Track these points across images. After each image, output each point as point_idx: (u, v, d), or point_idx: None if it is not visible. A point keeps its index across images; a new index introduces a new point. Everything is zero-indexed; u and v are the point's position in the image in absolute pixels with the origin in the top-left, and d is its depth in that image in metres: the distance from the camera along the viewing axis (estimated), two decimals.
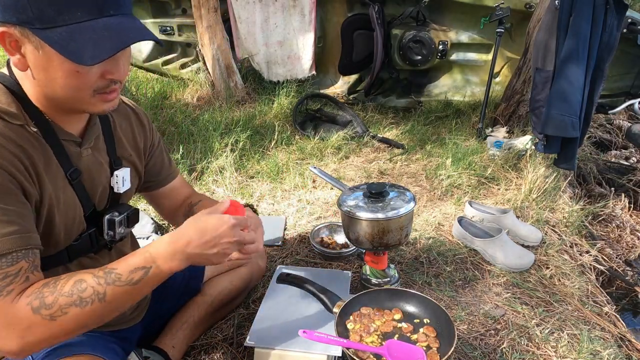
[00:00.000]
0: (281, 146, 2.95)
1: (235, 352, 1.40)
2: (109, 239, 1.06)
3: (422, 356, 1.04)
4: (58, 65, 0.80)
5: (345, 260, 1.84)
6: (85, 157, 0.99)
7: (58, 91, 0.84)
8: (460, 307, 1.58)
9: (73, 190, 0.96)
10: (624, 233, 2.54)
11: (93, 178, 1.02)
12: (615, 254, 2.34)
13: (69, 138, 0.95)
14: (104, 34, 0.77)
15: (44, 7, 0.75)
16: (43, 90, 0.85)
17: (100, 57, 0.77)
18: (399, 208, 1.37)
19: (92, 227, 1.03)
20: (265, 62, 3.82)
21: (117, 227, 1.05)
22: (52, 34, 0.76)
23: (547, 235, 2.00)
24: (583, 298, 1.67)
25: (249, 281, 1.55)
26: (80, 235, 1.01)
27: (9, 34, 0.78)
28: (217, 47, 3.57)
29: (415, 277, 1.72)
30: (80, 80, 0.82)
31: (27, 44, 0.79)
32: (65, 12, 0.75)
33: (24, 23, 0.76)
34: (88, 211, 1.01)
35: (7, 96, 0.86)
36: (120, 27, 0.79)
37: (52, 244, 0.94)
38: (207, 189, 2.46)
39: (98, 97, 0.86)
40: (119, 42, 0.78)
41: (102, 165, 1.04)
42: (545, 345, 1.43)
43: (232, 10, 3.63)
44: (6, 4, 0.76)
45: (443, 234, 2.02)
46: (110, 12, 0.79)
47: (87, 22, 0.77)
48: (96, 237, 1.05)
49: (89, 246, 1.04)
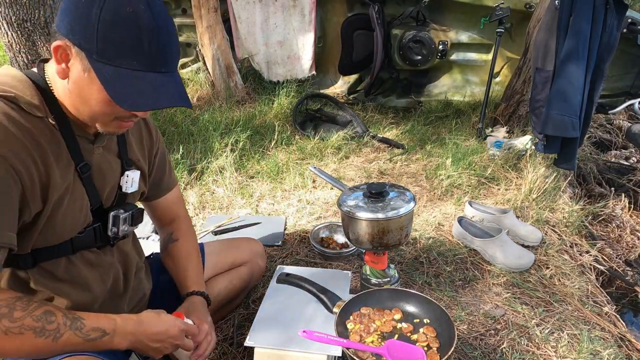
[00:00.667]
0: (281, 146, 2.95)
1: (235, 352, 1.40)
2: (112, 235, 1.09)
3: (422, 356, 1.04)
4: (96, 91, 0.87)
5: (345, 260, 1.84)
6: (96, 154, 1.03)
7: (84, 106, 0.91)
8: (460, 307, 1.58)
9: (82, 184, 1.00)
10: (624, 233, 2.54)
11: (103, 175, 1.06)
12: (615, 254, 2.34)
13: (84, 135, 1.00)
14: (148, 88, 0.85)
15: (108, 46, 0.82)
16: (71, 99, 0.92)
17: (137, 108, 0.86)
18: (399, 208, 1.37)
19: (97, 221, 1.06)
20: (265, 62, 3.82)
21: (121, 224, 1.09)
22: (104, 69, 0.83)
23: (547, 235, 2.00)
24: (583, 298, 1.67)
25: (249, 281, 1.55)
26: (85, 228, 1.03)
27: (64, 48, 0.85)
28: (217, 47, 3.57)
29: (415, 277, 1.72)
30: (109, 108, 0.89)
31: (78, 62, 0.86)
32: (123, 57, 0.83)
33: (84, 49, 0.83)
34: (95, 206, 1.05)
35: (31, 90, 0.91)
36: (162, 88, 0.87)
37: (57, 233, 0.97)
38: (207, 189, 2.46)
39: (115, 123, 0.94)
40: (157, 102, 0.87)
41: (111, 165, 1.08)
42: (545, 345, 1.43)
43: (232, 10, 3.63)
44: (75, 29, 0.83)
45: (443, 234, 2.02)
46: (161, 70, 0.87)
47: (137, 72, 0.84)
48: (100, 232, 1.08)
49: (92, 240, 1.06)
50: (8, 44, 2.53)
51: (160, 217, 1.34)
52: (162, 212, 1.33)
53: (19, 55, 2.55)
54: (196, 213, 2.25)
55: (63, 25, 0.85)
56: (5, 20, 2.44)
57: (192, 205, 2.29)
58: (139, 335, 0.97)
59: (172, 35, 0.88)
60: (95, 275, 1.08)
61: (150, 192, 1.27)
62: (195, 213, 2.24)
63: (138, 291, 1.24)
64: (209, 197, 2.39)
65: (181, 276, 1.28)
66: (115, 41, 0.82)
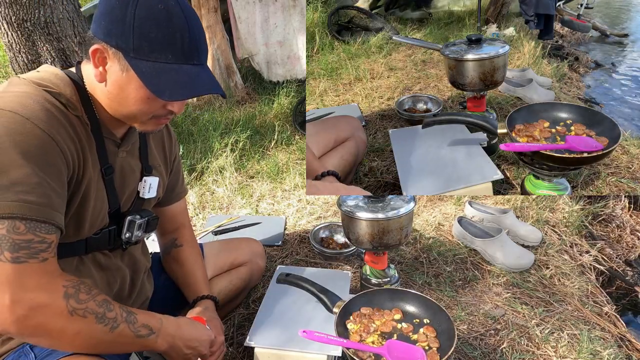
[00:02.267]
0: (281, 146, 2.95)
1: (235, 352, 1.40)
2: (126, 240, 1.10)
3: (422, 356, 1.04)
4: (134, 89, 0.90)
5: (345, 260, 1.84)
6: (120, 157, 1.05)
7: (123, 107, 0.94)
8: (460, 307, 1.58)
9: (104, 185, 1.02)
10: (624, 233, 2.53)
11: (124, 179, 1.07)
12: (615, 254, 2.34)
13: (111, 137, 1.02)
14: (184, 79, 0.89)
15: (144, 43, 0.87)
16: (109, 101, 0.95)
17: (176, 97, 0.89)
18: (399, 208, 1.38)
19: (113, 224, 1.07)
20: (265, 62, 3.82)
21: (135, 230, 1.10)
22: (141, 65, 0.87)
23: (547, 235, 2.00)
24: (583, 298, 1.67)
25: (249, 281, 1.55)
26: (101, 229, 1.05)
27: (102, 51, 0.89)
28: (217, 47, 3.57)
29: (415, 277, 1.72)
30: (147, 106, 0.93)
31: (115, 63, 0.89)
32: (158, 52, 0.87)
33: (121, 49, 0.87)
34: (113, 209, 1.06)
35: (70, 88, 0.95)
36: (198, 78, 0.92)
37: (76, 230, 0.98)
38: (207, 189, 2.46)
39: (153, 121, 0.97)
40: (194, 90, 0.90)
41: (133, 171, 1.10)
42: (545, 345, 1.44)
43: (232, 10, 3.63)
44: (111, 31, 0.87)
45: (443, 234, 2.02)
46: (194, 62, 0.91)
47: (172, 65, 0.89)
48: (114, 235, 1.08)
49: (106, 242, 1.07)
50: (8, 44, 2.52)
51: (165, 223, 1.35)
52: (168, 219, 1.34)
53: (19, 55, 2.55)
54: (196, 213, 2.25)
55: (100, 29, 0.89)
56: (5, 20, 2.44)
57: (192, 205, 2.29)
58: (177, 339, 1.00)
59: (201, 29, 0.93)
60: (103, 277, 1.08)
61: (163, 198, 1.27)
62: (195, 213, 2.24)
63: (141, 295, 1.24)
64: (209, 197, 2.39)
65: (190, 280, 1.30)
66: (150, 37, 0.86)
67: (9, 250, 0.78)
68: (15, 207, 0.79)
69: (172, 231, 1.36)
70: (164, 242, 1.37)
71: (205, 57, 0.95)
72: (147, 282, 1.28)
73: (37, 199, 0.82)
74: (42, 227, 0.82)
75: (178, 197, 1.34)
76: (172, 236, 1.36)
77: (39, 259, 0.81)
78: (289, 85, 3.66)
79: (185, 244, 1.36)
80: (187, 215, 1.41)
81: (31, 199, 0.81)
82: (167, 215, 1.34)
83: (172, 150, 1.26)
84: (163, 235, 1.38)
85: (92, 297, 0.86)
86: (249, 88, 3.77)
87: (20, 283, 0.79)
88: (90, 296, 0.86)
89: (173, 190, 1.31)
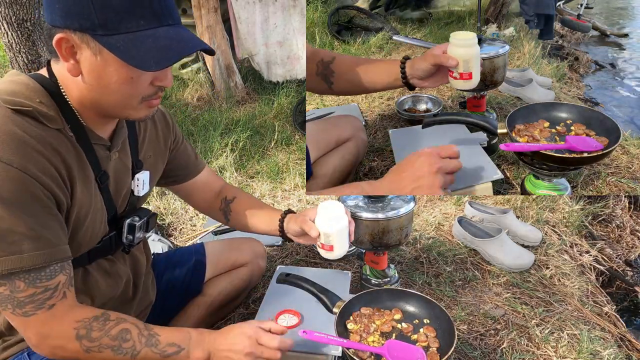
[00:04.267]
0: (281, 146, 2.95)
1: None
2: (128, 243, 1.07)
3: (422, 356, 1.04)
4: (115, 71, 0.81)
5: (345, 260, 1.84)
6: (113, 160, 1.00)
7: (109, 97, 0.85)
8: (460, 307, 1.58)
9: (100, 194, 0.98)
10: (624, 233, 2.53)
11: (118, 182, 1.03)
12: (615, 254, 2.34)
13: (100, 142, 0.95)
14: (165, 42, 0.80)
15: (109, 14, 0.77)
16: (91, 94, 0.86)
17: (164, 63, 0.80)
18: (399, 208, 1.37)
19: (112, 230, 1.04)
20: (265, 62, 3.82)
21: (136, 232, 1.07)
22: (113, 41, 0.78)
23: (547, 235, 2.00)
24: (583, 298, 1.67)
25: (249, 281, 1.55)
26: (102, 238, 1.02)
27: (67, 40, 0.79)
28: (217, 47, 3.57)
29: (415, 277, 1.72)
30: (133, 86, 0.84)
31: (85, 49, 0.80)
32: (127, 21, 0.78)
33: (86, 29, 0.78)
34: (111, 214, 1.03)
35: (46, 99, 0.86)
36: (180, 37, 0.82)
37: (76, 247, 0.95)
38: None
39: (144, 104, 0.89)
40: (181, 50, 0.81)
41: (127, 169, 1.06)
42: (545, 345, 1.44)
43: (232, 10, 3.63)
44: (70, 10, 0.77)
45: (443, 234, 2.02)
46: (169, 22, 0.82)
47: (148, 31, 0.80)
48: (115, 240, 1.06)
49: (108, 249, 1.05)
50: (8, 44, 2.53)
51: (202, 198, 1.32)
52: (201, 192, 1.31)
53: (19, 55, 2.55)
54: (196, 213, 2.24)
55: (56, 15, 0.79)
56: (5, 20, 2.44)
57: None
58: (213, 351, 0.94)
59: None
60: (109, 282, 1.07)
61: (179, 175, 1.25)
62: (195, 213, 2.24)
63: (145, 299, 1.23)
64: None
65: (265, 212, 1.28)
66: (114, 5, 0.77)
67: (17, 307, 0.82)
68: (9, 262, 0.78)
69: (215, 196, 1.34)
70: (217, 209, 1.34)
71: (178, 16, 0.86)
72: (150, 287, 1.26)
73: (31, 244, 0.80)
74: (42, 276, 0.81)
75: (197, 171, 1.30)
76: (219, 199, 1.33)
77: (45, 308, 0.83)
78: (289, 85, 3.66)
79: (235, 194, 1.33)
80: (219, 178, 1.39)
81: (24, 247, 0.79)
82: (197, 186, 1.31)
83: (169, 135, 1.20)
84: (210, 206, 1.35)
85: (105, 333, 0.86)
86: (249, 88, 3.77)
87: (37, 331, 0.85)
88: (104, 332, 0.86)
89: (186, 167, 1.28)
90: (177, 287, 1.38)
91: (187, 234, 2.08)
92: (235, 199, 1.32)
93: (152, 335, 0.90)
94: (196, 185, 1.31)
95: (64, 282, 0.85)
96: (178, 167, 1.26)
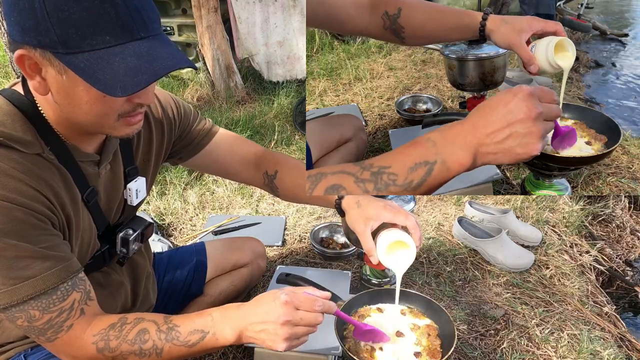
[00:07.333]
0: (281, 146, 2.95)
1: (235, 352, 1.40)
2: (122, 255, 1.04)
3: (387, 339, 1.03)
4: (83, 90, 0.73)
5: (345, 260, 1.84)
6: (103, 175, 0.94)
7: (81, 117, 0.78)
8: (460, 307, 1.58)
9: (88, 212, 0.92)
10: (624, 233, 2.53)
11: (109, 195, 0.98)
12: (615, 254, 2.34)
13: (87, 159, 0.89)
14: (134, 62, 0.69)
15: (69, 30, 0.67)
16: (64, 114, 0.79)
17: (131, 89, 0.69)
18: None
19: (105, 244, 0.99)
20: (265, 62, 3.82)
21: (130, 245, 1.02)
22: (77, 60, 0.68)
23: (547, 235, 2.00)
24: (583, 298, 1.67)
25: (249, 281, 1.55)
26: (94, 255, 0.97)
27: (28, 57, 0.71)
28: (217, 47, 3.57)
29: (415, 277, 1.72)
30: (107, 105, 0.76)
31: (49, 67, 0.72)
32: (90, 37, 0.68)
33: (45, 47, 0.69)
34: (102, 229, 0.98)
35: (22, 122, 0.79)
36: (152, 55, 0.71)
37: None
38: (207, 188, 2.46)
39: (122, 121, 0.80)
40: (151, 74, 0.70)
41: (120, 180, 1.00)
42: (545, 345, 1.44)
43: (232, 11, 3.63)
44: (26, 26, 0.68)
45: (443, 234, 2.02)
46: (141, 35, 0.71)
47: (115, 48, 0.69)
48: (109, 253, 1.02)
49: (101, 263, 1.02)
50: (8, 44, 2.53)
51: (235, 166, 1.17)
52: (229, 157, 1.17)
53: None
54: (196, 213, 2.25)
55: (13, 29, 0.70)
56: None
57: (192, 205, 2.29)
58: (244, 325, 0.85)
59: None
60: (106, 294, 1.04)
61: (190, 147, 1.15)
62: (195, 213, 2.25)
63: (145, 303, 1.21)
64: (209, 197, 2.39)
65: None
66: (74, 19, 0.66)
67: (39, 335, 0.82)
68: (26, 288, 0.77)
69: (253, 168, 1.19)
70: (263, 185, 1.20)
71: (157, 25, 0.74)
72: (150, 290, 1.24)
73: (42, 265, 0.78)
74: (54, 299, 0.79)
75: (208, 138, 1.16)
76: (260, 174, 1.19)
77: (64, 330, 0.82)
78: (289, 85, 3.67)
79: (277, 167, 1.16)
80: (252, 144, 1.21)
81: (36, 270, 0.77)
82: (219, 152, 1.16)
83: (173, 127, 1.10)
84: (253, 181, 1.21)
85: (123, 340, 0.83)
86: (249, 88, 3.77)
87: (65, 354, 0.85)
88: (121, 339, 0.83)
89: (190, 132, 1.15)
90: (178, 288, 1.38)
91: (187, 234, 2.08)
92: (278, 174, 1.15)
93: (171, 328, 0.85)
94: (217, 152, 1.16)
95: (79, 300, 0.83)
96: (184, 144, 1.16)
